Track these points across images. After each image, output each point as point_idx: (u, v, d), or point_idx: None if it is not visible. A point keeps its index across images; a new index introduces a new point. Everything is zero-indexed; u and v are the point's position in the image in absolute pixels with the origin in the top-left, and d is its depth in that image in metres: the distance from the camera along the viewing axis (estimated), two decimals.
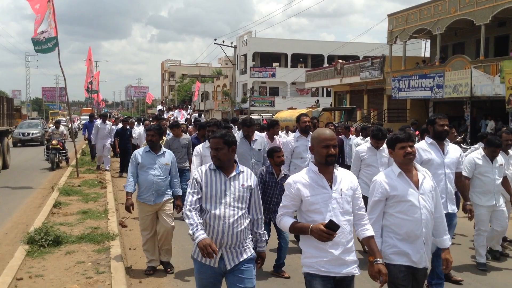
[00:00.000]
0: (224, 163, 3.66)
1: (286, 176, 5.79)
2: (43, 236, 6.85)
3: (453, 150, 5.47)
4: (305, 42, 54.17)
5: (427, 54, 29.52)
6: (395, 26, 27.06)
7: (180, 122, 13.16)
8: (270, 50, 52.44)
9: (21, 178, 14.66)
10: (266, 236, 3.95)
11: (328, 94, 46.04)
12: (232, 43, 43.23)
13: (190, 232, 3.47)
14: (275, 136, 8.29)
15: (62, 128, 17.69)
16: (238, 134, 13.72)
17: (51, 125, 20.14)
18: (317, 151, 3.40)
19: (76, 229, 7.89)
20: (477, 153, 6.56)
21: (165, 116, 21.87)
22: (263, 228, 3.89)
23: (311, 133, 6.97)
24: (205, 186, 3.62)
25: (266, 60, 54.60)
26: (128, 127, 15.54)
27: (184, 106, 26.79)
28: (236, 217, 3.57)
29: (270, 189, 5.95)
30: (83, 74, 29.22)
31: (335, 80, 32.99)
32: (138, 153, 5.98)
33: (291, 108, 31.85)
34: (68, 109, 18.14)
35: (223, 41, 42.08)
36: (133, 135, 15.60)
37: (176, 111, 23.90)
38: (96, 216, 8.82)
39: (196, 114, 22.52)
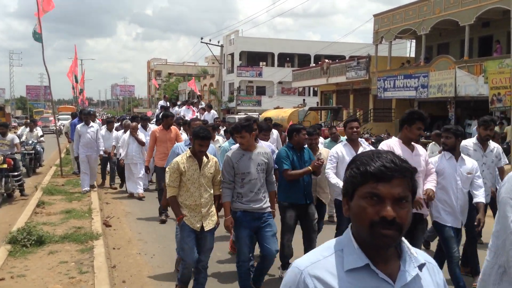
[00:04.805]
0: None
1: None
2: (26, 236, 6.77)
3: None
4: (291, 41, 54.24)
5: (412, 54, 29.76)
6: (380, 26, 27.23)
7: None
8: (257, 50, 52.42)
9: None
10: None
11: (315, 94, 46.15)
12: (218, 42, 43.10)
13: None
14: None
15: (12, 136, 11.26)
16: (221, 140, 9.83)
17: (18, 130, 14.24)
18: None
19: (60, 228, 7.81)
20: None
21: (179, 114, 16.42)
22: None
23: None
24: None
25: (253, 59, 54.57)
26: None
27: (195, 101, 20.14)
28: None
29: None
30: (66, 73, 28.43)
31: (321, 79, 33.10)
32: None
33: (277, 108, 31.88)
34: (52, 107, 17.94)
35: (210, 40, 42.01)
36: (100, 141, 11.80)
37: (184, 107, 18.09)
38: (79, 215, 8.76)
39: (211, 112, 17.06)
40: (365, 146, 6.07)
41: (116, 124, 14.05)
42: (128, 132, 11.19)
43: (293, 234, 5.76)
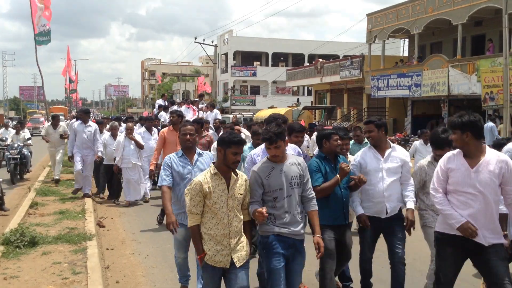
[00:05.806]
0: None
1: None
2: (19, 237, 6.73)
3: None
4: (285, 41, 54.31)
5: (406, 53, 29.87)
6: (374, 26, 27.31)
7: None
8: (251, 49, 52.47)
9: None
10: None
11: (309, 93, 46.24)
12: (212, 42, 43.11)
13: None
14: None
15: None
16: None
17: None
18: None
19: (53, 229, 7.78)
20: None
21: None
22: None
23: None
24: None
25: (247, 59, 54.61)
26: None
27: (195, 100, 18.54)
28: None
29: None
30: (61, 73, 28.21)
31: (315, 79, 33.16)
32: None
33: (271, 107, 31.92)
34: (45, 108, 17.85)
35: (204, 40, 41.93)
36: (98, 145, 10.70)
37: (184, 106, 16.69)
38: (73, 216, 8.72)
39: (213, 112, 15.88)
40: (393, 147, 5.07)
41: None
42: (124, 134, 10.39)
43: (335, 263, 4.70)
